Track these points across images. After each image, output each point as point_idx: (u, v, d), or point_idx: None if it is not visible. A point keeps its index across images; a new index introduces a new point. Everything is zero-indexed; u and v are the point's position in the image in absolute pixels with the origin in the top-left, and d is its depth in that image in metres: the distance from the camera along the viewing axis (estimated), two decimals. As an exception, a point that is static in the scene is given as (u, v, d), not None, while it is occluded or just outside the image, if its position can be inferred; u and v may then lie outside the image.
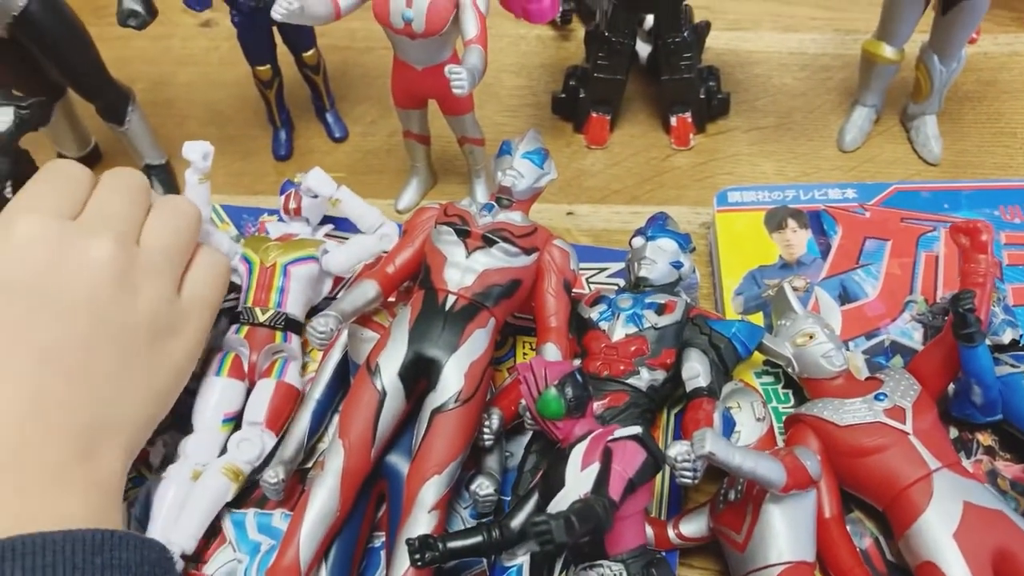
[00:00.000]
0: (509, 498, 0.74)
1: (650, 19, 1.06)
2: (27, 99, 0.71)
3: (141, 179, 0.74)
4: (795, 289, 0.84)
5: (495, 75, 1.16)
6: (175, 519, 0.71)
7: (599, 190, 1.03)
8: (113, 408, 0.64)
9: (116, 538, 0.56)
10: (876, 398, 0.72)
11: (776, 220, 0.90)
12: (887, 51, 0.97)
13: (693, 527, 0.72)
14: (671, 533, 0.72)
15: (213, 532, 0.74)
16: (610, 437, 0.62)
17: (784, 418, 0.77)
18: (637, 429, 0.62)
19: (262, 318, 0.81)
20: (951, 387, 0.76)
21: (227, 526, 0.75)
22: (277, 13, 0.79)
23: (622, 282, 0.87)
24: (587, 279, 0.89)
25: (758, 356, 0.80)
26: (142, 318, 0.67)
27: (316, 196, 0.89)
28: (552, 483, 0.63)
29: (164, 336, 0.69)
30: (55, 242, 0.65)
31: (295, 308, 0.83)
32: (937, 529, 0.65)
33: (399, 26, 0.82)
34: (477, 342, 0.71)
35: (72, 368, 0.62)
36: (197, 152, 0.82)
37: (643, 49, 1.09)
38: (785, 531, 0.65)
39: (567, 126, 1.10)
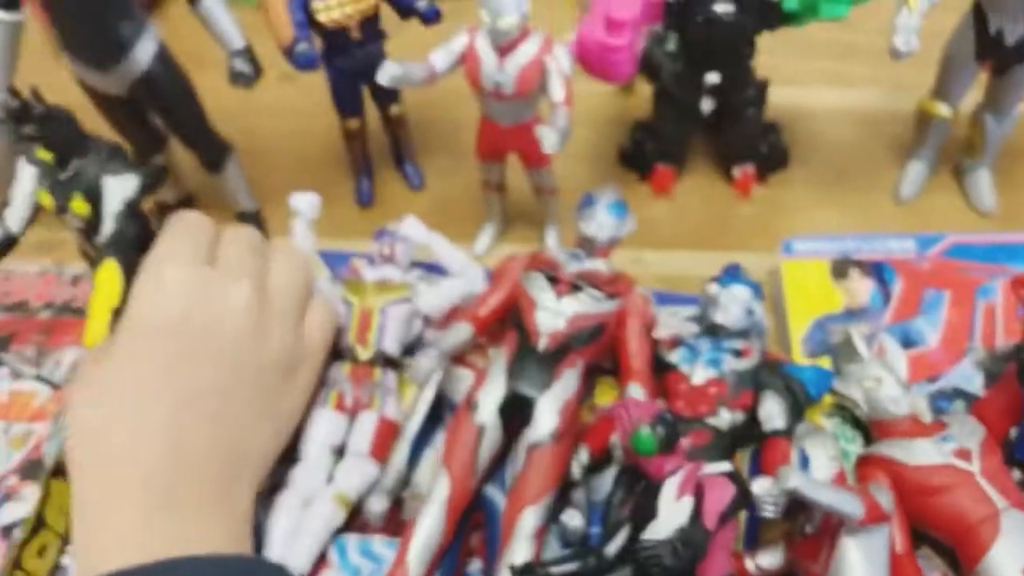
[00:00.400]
0: (595, 530, 0.79)
1: (713, 76, 1.12)
2: (147, 164, 0.77)
3: (257, 233, 0.81)
4: (861, 339, 0.89)
5: (563, 127, 1.22)
6: (289, 545, 0.76)
7: (665, 238, 1.09)
8: (247, 444, 0.70)
9: (257, 563, 0.61)
10: (943, 440, 0.76)
11: (840, 269, 0.95)
12: (942, 109, 1.02)
13: (770, 559, 0.76)
14: (750, 564, 0.76)
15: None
16: (702, 472, 0.67)
17: (855, 458, 0.81)
18: (727, 465, 0.67)
19: (363, 356, 0.87)
20: (1014, 431, 0.80)
21: (330, 550, 0.81)
22: (383, 79, 0.86)
23: (695, 330, 0.92)
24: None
25: (827, 399, 0.85)
26: (273, 359, 0.73)
27: (408, 242, 0.96)
28: (646, 514, 0.68)
29: (289, 376, 0.75)
30: (199, 288, 0.71)
31: (392, 346, 0.89)
32: (1005, 565, 0.69)
33: (490, 89, 0.89)
34: (568, 381, 0.77)
35: (216, 406, 0.68)
36: (305, 202, 0.89)
37: (706, 104, 1.15)
38: (861, 563, 0.70)
39: (633, 176, 1.16)
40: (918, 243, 0.97)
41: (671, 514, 0.66)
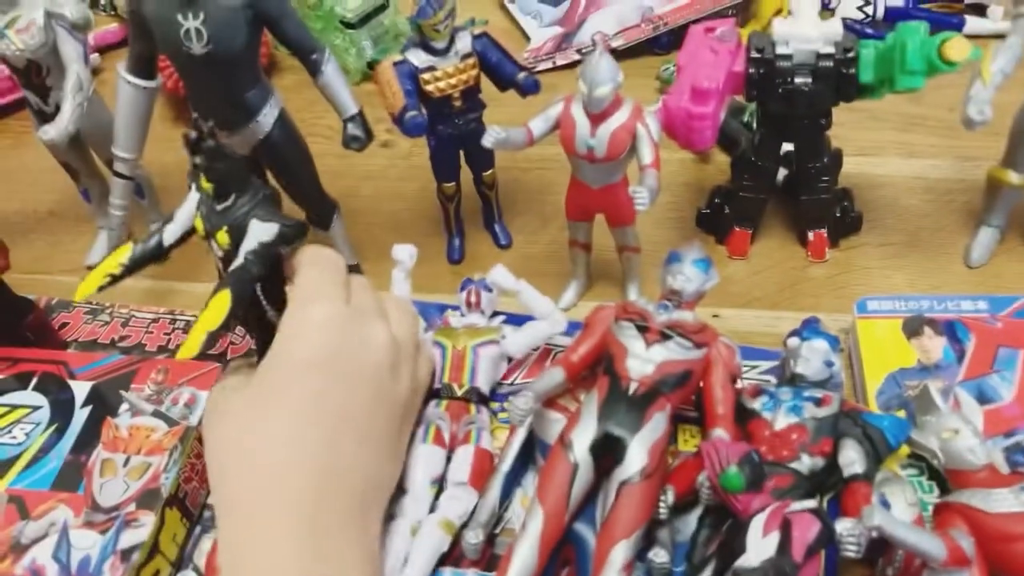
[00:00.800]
0: (679, 569, 0.83)
1: (787, 144, 1.18)
2: (292, 220, 0.83)
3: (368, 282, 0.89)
4: (939, 392, 0.92)
5: (642, 192, 1.29)
6: (401, 569, 0.82)
7: (741, 296, 1.14)
8: (381, 472, 0.76)
9: None
10: (1022, 489, 0.79)
11: (913, 327, 0.99)
12: (1013, 177, 1.07)
13: (851, 601, 0.79)
14: (831, 606, 0.79)
15: (416, 587, 0.85)
16: (788, 509, 0.71)
17: (933, 506, 0.84)
18: (813, 503, 0.71)
19: (459, 393, 0.94)
20: (1090, 484, 0.82)
21: (428, 581, 0.86)
22: (487, 142, 0.94)
23: (773, 379, 0.97)
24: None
25: (903, 449, 0.88)
26: (402, 396, 0.80)
27: (492, 290, 1.03)
28: (734, 549, 0.72)
29: (408, 412, 0.82)
30: (345, 325, 0.78)
31: (484, 384, 0.96)
32: (1085, 612, 0.72)
33: (582, 152, 0.97)
34: (657, 424, 0.82)
35: (361, 434, 0.75)
36: (405, 253, 0.97)
37: (780, 173, 1.21)
38: (942, 606, 0.72)
39: (710, 238, 1.21)
40: (991, 304, 1.01)
41: (759, 549, 0.70)
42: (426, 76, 1.03)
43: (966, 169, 1.26)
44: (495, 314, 1.07)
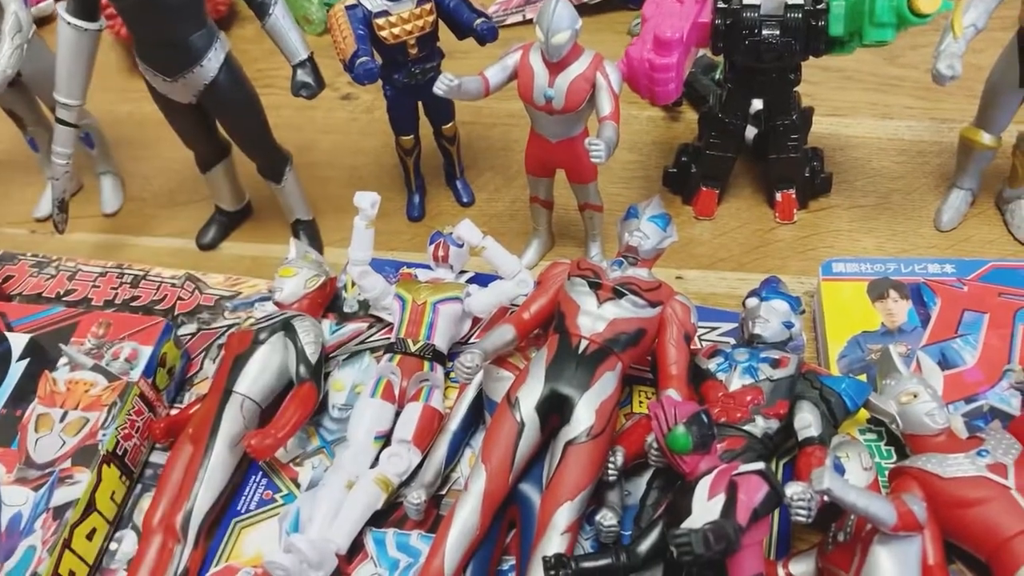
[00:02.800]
0: (628, 532, 0.80)
1: (757, 103, 1.14)
2: None
3: None
4: (899, 355, 0.90)
5: (609, 150, 1.25)
6: (331, 522, 0.79)
7: (707, 257, 1.11)
8: None
9: None
10: (979, 454, 0.77)
11: (878, 290, 0.96)
12: (985, 138, 1.04)
13: (802, 567, 0.77)
14: (781, 572, 0.77)
15: (356, 548, 0.82)
16: (735, 471, 0.68)
17: (889, 470, 0.82)
18: (761, 465, 0.68)
19: (413, 348, 0.91)
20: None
21: (369, 543, 0.83)
22: (439, 89, 0.90)
23: (733, 340, 0.94)
24: (699, 336, 0.97)
25: (862, 414, 0.86)
26: None
27: (462, 244, 0.99)
28: (679, 511, 0.69)
29: None
30: None
31: (441, 342, 0.92)
32: (1040, 579, 0.70)
33: (541, 103, 0.93)
34: (606, 383, 0.79)
35: None
36: (366, 201, 0.93)
37: (749, 130, 1.18)
38: (892, 571, 0.70)
39: (676, 198, 1.18)
40: (958, 268, 0.98)
41: (704, 511, 0.67)
42: (380, 21, 0.99)
43: (942, 131, 1.23)
44: (464, 274, 1.04)
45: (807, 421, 0.80)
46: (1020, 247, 1.07)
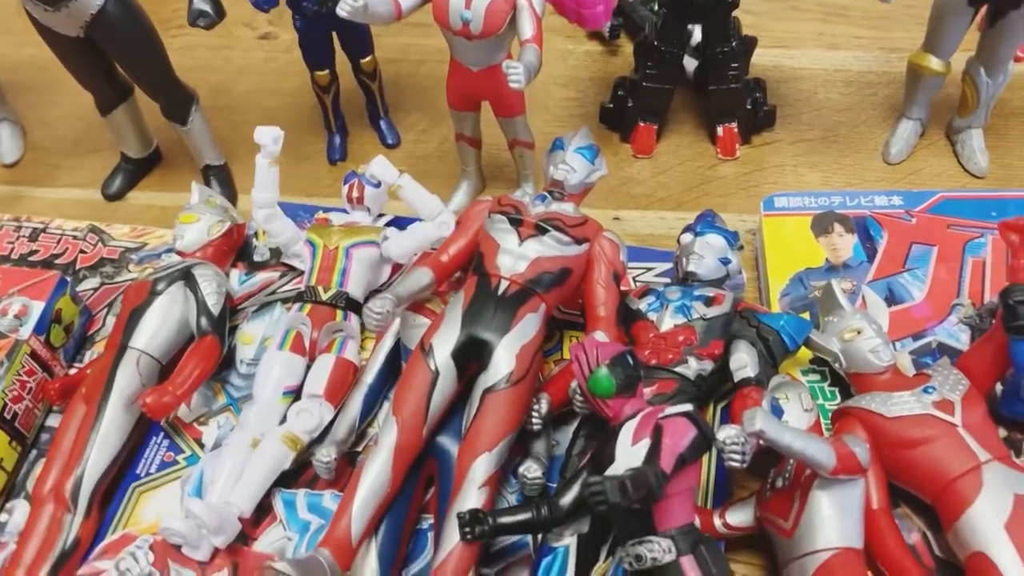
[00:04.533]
0: (555, 484, 0.75)
1: (698, 33, 1.08)
2: None
3: None
4: (843, 290, 0.85)
5: (544, 87, 1.18)
6: (234, 484, 0.73)
7: (645, 197, 1.05)
8: None
9: None
10: (924, 391, 0.72)
11: (823, 224, 0.91)
12: (933, 63, 0.98)
13: (739, 517, 0.72)
14: (717, 522, 0.72)
15: (264, 510, 0.76)
16: (661, 415, 0.63)
17: (832, 411, 0.77)
18: (688, 407, 0.63)
19: (324, 297, 0.84)
20: (999, 387, 0.76)
21: (278, 505, 0.77)
22: (342, 10, 0.82)
23: (668, 281, 0.88)
24: (634, 278, 0.91)
25: (804, 354, 0.81)
26: None
27: (379, 184, 0.92)
28: (602, 459, 0.64)
29: None
30: None
31: (356, 289, 0.85)
32: (987, 520, 0.65)
33: (458, 27, 0.85)
34: (528, 326, 0.73)
35: None
36: (268, 136, 0.85)
37: (689, 64, 1.11)
38: (833, 517, 0.65)
39: (614, 136, 1.12)
40: (906, 199, 0.93)
41: (627, 458, 0.61)
42: (283, -58, 0.90)
43: (891, 61, 1.18)
44: (383, 216, 0.97)
45: (743, 361, 0.75)
46: (971, 179, 1.03)
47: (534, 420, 0.73)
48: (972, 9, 0.92)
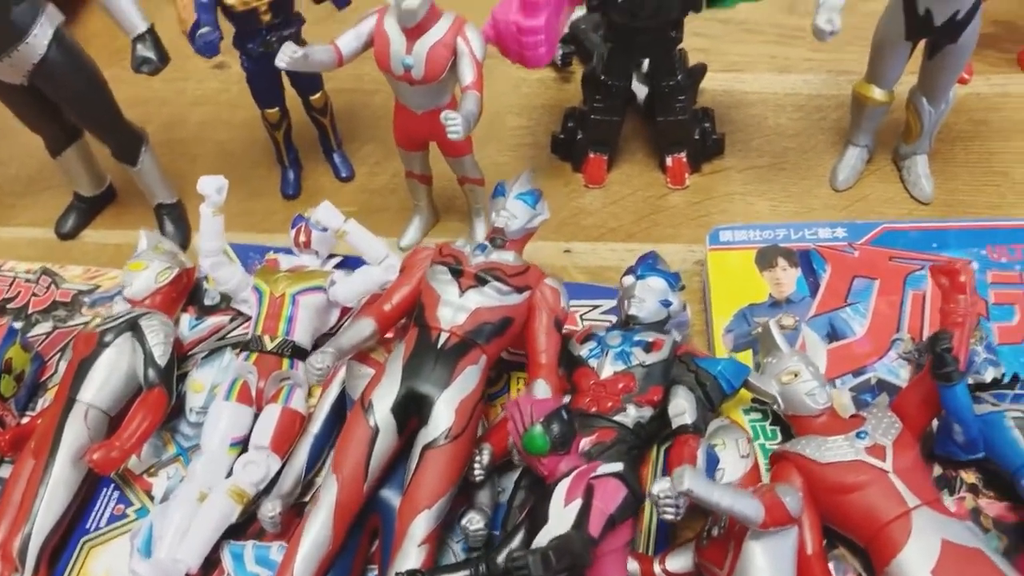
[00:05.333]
0: (499, 532, 0.76)
1: (647, 62, 1.08)
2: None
3: None
4: (784, 327, 0.86)
5: (497, 116, 1.19)
6: (181, 539, 0.73)
7: (596, 228, 1.06)
8: None
9: None
10: (857, 436, 0.73)
11: (767, 259, 0.92)
12: (876, 93, 0.99)
13: (679, 563, 0.73)
14: (657, 568, 0.73)
15: (212, 564, 0.77)
16: (593, 474, 0.64)
17: (770, 454, 0.78)
18: (619, 466, 0.64)
19: (270, 346, 0.84)
20: (936, 423, 0.77)
21: (226, 558, 0.77)
22: (281, 61, 0.82)
23: (615, 319, 0.89)
24: (581, 316, 0.92)
25: (747, 393, 0.82)
26: None
27: (325, 229, 0.92)
28: (537, 518, 0.65)
29: None
30: None
31: (302, 337, 0.86)
32: (915, 566, 0.67)
33: (399, 72, 0.86)
34: (468, 379, 0.74)
35: None
36: (211, 186, 0.85)
37: (641, 90, 1.12)
38: (766, 567, 0.66)
39: (566, 165, 1.12)
40: (849, 231, 0.94)
41: (559, 519, 0.62)
42: (226, -13, 0.90)
43: (840, 84, 1.18)
44: (334, 257, 0.98)
45: (681, 408, 0.76)
46: (917, 205, 1.04)
47: (476, 471, 0.74)
48: (910, 42, 0.93)
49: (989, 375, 0.80)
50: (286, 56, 0.82)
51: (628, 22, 0.92)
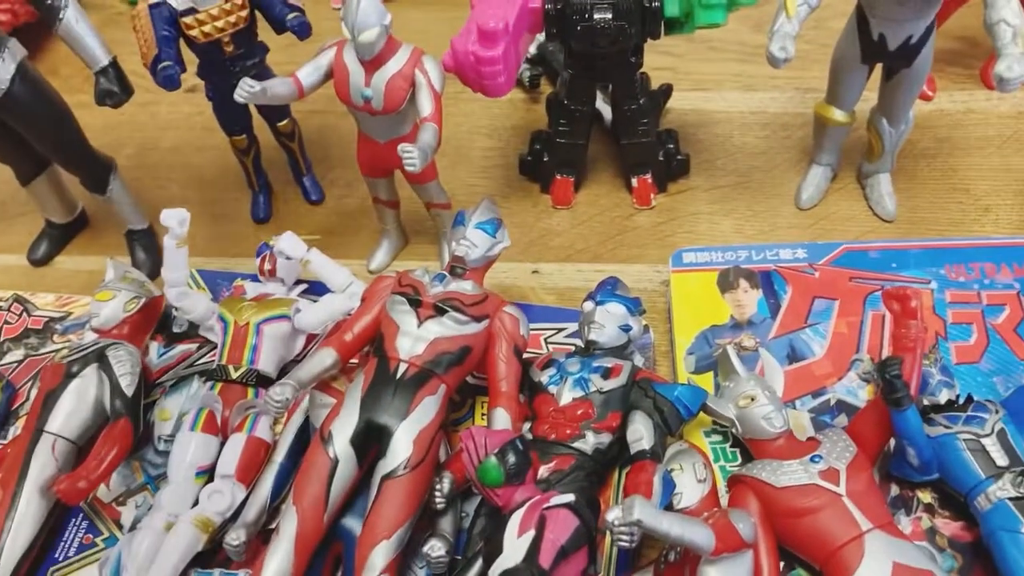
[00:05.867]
0: (460, 559, 0.77)
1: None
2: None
3: None
4: (745, 349, 0.87)
5: (467, 137, 1.20)
6: (147, 569, 0.74)
7: (564, 249, 1.07)
8: None
9: None
10: (812, 460, 0.74)
11: (728, 280, 0.93)
12: (837, 114, 1.00)
13: (638, 587, 0.74)
14: (616, 592, 0.74)
15: (179, 592, 0.77)
16: (546, 505, 0.65)
17: (728, 477, 0.79)
18: (570, 497, 0.65)
19: (235, 375, 0.85)
20: (892, 444, 0.78)
21: (193, 586, 0.78)
22: (240, 96, 0.83)
23: (575, 347, 0.90)
24: (546, 339, 0.93)
25: (706, 416, 0.83)
26: None
27: (289, 258, 0.93)
28: (492, 549, 0.66)
29: None
30: None
31: (267, 365, 0.87)
32: (868, 588, 0.68)
33: (359, 103, 0.87)
34: (427, 409, 0.75)
35: None
36: (174, 219, 0.86)
37: (607, 111, 1.13)
38: (721, 591, 0.68)
39: (534, 186, 1.13)
40: (810, 252, 0.95)
41: (513, 550, 0.63)
42: (187, 20, 0.91)
43: (806, 101, 1.19)
44: (301, 283, 0.99)
45: (639, 433, 0.77)
46: (880, 222, 1.05)
47: (437, 499, 0.75)
48: (867, 65, 0.94)
49: (943, 397, 0.81)
50: (244, 91, 0.83)
51: (587, 49, 0.93)
